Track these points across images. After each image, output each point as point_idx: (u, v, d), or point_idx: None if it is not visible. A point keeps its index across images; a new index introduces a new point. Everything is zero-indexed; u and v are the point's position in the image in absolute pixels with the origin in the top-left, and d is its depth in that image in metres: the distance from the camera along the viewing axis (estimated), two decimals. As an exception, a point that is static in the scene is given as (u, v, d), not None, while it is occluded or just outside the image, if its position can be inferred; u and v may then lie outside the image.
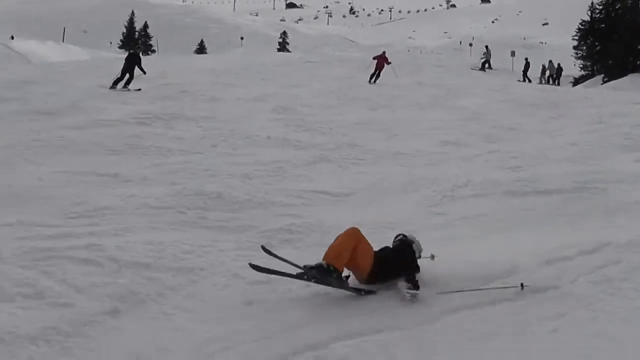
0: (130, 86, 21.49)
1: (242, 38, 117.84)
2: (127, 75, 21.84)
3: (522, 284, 6.50)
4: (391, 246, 7.38)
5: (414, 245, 7.28)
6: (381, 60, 29.66)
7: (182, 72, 27.12)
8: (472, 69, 46.07)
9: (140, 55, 23.95)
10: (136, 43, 43.31)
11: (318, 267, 6.58)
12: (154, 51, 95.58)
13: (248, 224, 9.48)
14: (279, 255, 7.05)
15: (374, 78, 28.83)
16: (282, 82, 25.91)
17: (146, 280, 7.13)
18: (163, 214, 9.81)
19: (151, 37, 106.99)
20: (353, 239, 6.86)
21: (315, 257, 6.81)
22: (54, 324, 6.05)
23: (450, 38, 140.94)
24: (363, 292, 6.84)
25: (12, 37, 74.12)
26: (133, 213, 9.76)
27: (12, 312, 6.23)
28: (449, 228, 9.36)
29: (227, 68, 29.68)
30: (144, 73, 22.23)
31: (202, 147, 14.53)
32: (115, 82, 21.64)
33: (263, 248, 7.17)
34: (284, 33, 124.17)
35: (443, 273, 7.03)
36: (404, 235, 7.45)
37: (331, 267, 6.58)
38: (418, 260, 7.16)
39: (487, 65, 47.68)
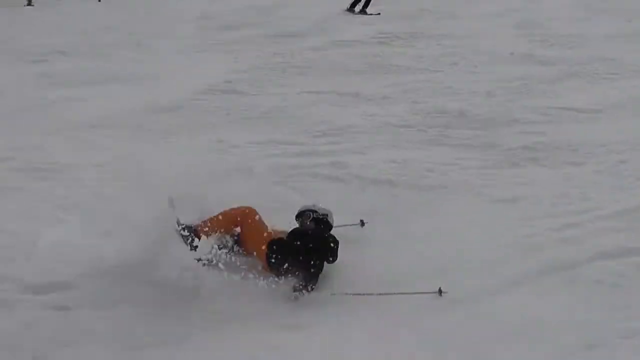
0: (368, 9, 21.45)
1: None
2: (365, -4, 21.80)
3: (439, 289, 5.40)
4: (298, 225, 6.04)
5: (329, 217, 6.08)
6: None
7: (421, -11, 26.58)
8: None
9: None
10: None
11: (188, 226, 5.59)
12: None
13: (491, 142, 9.20)
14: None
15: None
16: (525, -4, 24.58)
17: (390, 197, 7.17)
18: (405, 132, 9.78)
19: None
20: (232, 218, 5.73)
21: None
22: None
23: None
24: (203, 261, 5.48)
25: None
26: (375, 132, 9.82)
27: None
28: None
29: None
30: None
31: (442, 65, 14.21)
32: (353, 5, 21.72)
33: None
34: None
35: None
36: (314, 212, 6.06)
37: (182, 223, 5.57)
38: None
39: None
